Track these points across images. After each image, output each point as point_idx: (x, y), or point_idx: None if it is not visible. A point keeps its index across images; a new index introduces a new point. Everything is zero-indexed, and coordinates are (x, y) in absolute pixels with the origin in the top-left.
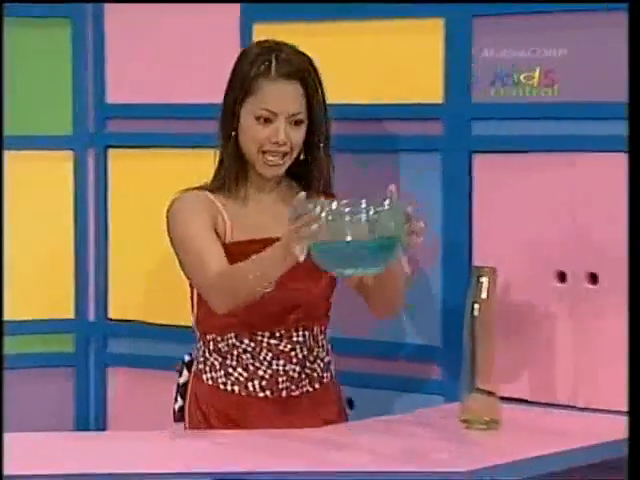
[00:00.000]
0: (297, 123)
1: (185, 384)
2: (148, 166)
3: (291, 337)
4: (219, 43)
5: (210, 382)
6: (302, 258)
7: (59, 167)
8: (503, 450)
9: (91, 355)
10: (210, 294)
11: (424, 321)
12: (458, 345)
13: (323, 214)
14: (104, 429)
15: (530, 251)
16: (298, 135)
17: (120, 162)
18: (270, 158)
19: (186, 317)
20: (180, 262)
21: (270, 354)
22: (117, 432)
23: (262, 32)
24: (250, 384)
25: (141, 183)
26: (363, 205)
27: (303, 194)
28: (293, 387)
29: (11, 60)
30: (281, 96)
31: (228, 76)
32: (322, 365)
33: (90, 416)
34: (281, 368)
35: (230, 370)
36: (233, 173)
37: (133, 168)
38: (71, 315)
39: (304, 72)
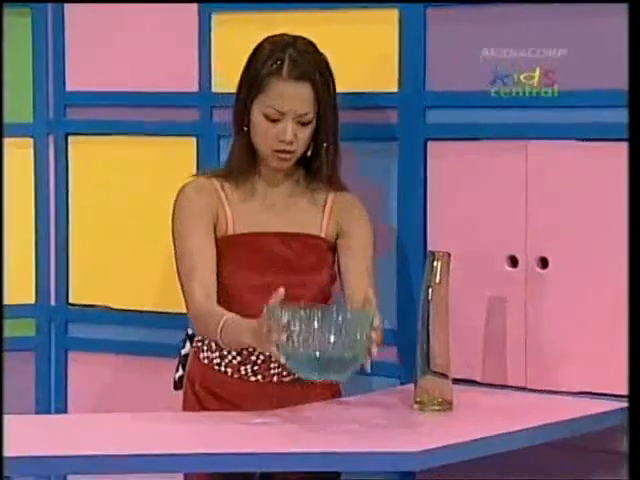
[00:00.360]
0: (305, 123)
1: (187, 355)
2: (107, 153)
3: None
4: (178, 32)
5: (206, 361)
6: (282, 360)
7: (19, 154)
8: (456, 431)
9: (52, 340)
10: (191, 318)
11: (380, 305)
12: (413, 328)
13: (293, 325)
14: (65, 413)
15: (483, 236)
16: (305, 134)
17: (80, 149)
18: (280, 155)
19: (146, 302)
20: (175, 258)
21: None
22: (83, 414)
23: (221, 22)
24: (243, 368)
25: (101, 170)
26: (333, 313)
27: (278, 298)
28: (284, 373)
29: None
30: (290, 96)
31: (187, 64)
32: None
33: (51, 400)
34: None
35: (225, 352)
36: (243, 166)
37: (92, 155)
38: (32, 300)
39: (315, 73)
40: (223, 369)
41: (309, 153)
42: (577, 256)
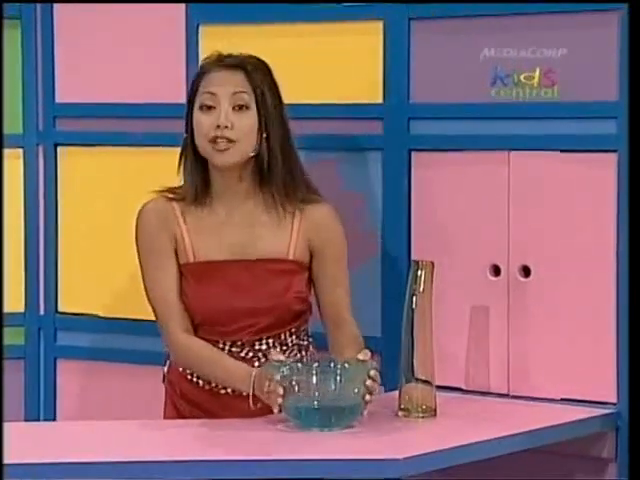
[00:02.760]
0: (240, 108)
1: None
2: (96, 163)
3: (253, 346)
4: (165, 44)
5: (180, 369)
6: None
7: (9, 164)
8: (440, 437)
9: (41, 348)
10: (170, 351)
11: (364, 313)
12: (397, 336)
13: (292, 378)
14: (54, 420)
15: (466, 246)
16: (243, 121)
17: (69, 159)
18: (217, 144)
19: (135, 310)
20: (144, 286)
21: (232, 359)
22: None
23: (208, 34)
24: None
25: (89, 180)
26: (332, 365)
27: (276, 356)
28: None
29: None
30: (221, 79)
31: (174, 76)
32: None
33: (40, 408)
34: None
35: None
36: (194, 181)
37: (81, 165)
38: (21, 308)
39: (247, 64)
40: (195, 380)
41: (251, 153)
42: (559, 265)
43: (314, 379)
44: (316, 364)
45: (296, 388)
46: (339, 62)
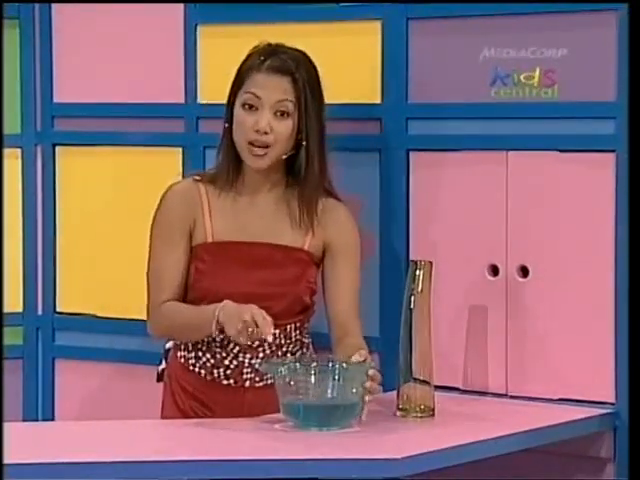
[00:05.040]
0: (282, 114)
1: (169, 349)
2: (94, 163)
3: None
4: (164, 44)
5: (182, 360)
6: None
7: (8, 164)
8: (438, 437)
9: (39, 348)
10: (149, 319)
11: (363, 313)
12: (395, 336)
13: (292, 378)
14: (52, 420)
15: (464, 245)
16: (282, 128)
17: (67, 159)
18: (254, 149)
19: (133, 310)
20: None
21: (237, 347)
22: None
23: (207, 34)
24: (216, 371)
25: (88, 180)
26: (330, 365)
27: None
28: (257, 379)
29: None
30: (267, 84)
31: (173, 76)
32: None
33: (38, 408)
34: (247, 361)
35: (200, 354)
36: (226, 170)
37: (80, 165)
38: (19, 309)
39: (296, 70)
40: (197, 370)
41: (284, 156)
42: (557, 265)
43: (312, 379)
44: (314, 364)
45: (295, 388)
46: (337, 62)
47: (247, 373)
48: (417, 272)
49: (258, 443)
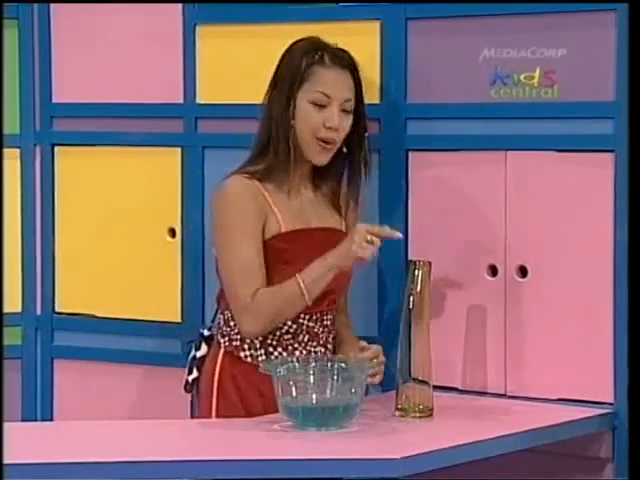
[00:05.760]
0: (348, 111)
1: (203, 357)
2: (93, 163)
3: (323, 320)
4: (162, 44)
5: (249, 359)
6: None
7: (7, 164)
8: (437, 437)
9: (38, 348)
10: (244, 315)
11: (362, 312)
12: (394, 336)
13: (291, 378)
14: (51, 420)
15: (463, 246)
16: (347, 124)
17: (66, 159)
18: (324, 144)
19: (131, 310)
20: (217, 261)
21: (307, 336)
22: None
23: (205, 33)
24: None
25: (87, 180)
26: (329, 364)
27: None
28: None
29: None
30: (336, 81)
31: (171, 76)
32: (333, 346)
33: (37, 408)
34: (313, 349)
35: (270, 349)
36: (285, 162)
37: (79, 165)
38: (18, 309)
39: (354, 64)
40: (255, 362)
41: (345, 149)
42: (556, 265)
43: (311, 379)
44: (313, 364)
45: (294, 387)
46: None
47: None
48: (416, 272)
49: (257, 443)
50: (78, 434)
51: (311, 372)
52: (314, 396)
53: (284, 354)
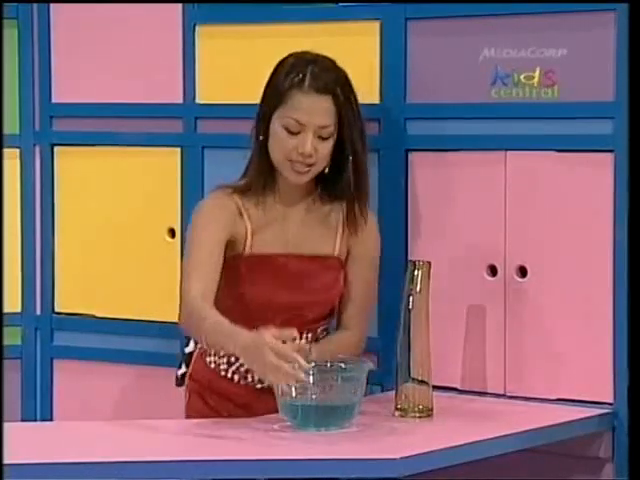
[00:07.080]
0: (325, 137)
1: (191, 353)
2: (92, 163)
3: (294, 341)
4: (162, 44)
5: (212, 366)
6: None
7: (6, 164)
8: (437, 437)
9: (38, 348)
10: (181, 310)
11: None
12: (394, 336)
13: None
14: (50, 421)
15: (463, 246)
16: (325, 149)
17: (65, 159)
18: (296, 165)
19: (131, 310)
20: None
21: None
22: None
23: (205, 33)
24: (249, 375)
25: (86, 180)
26: (328, 365)
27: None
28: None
29: None
30: (311, 109)
31: (171, 76)
32: None
33: (37, 408)
34: None
35: (232, 359)
36: (261, 179)
37: (78, 165)
38: (18, 309)
39: (336, 87)
40: (230, 375)
41: (327, 170)
42: (555, 265)
43: (311, 379)
44: (313, 364)
45: (293, 387)
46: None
47: None
48: (415, 272)
49: (256, 443)
50: (78, 434)
51: (310, 372)
52: (314, 396)
53: (245, 366)
